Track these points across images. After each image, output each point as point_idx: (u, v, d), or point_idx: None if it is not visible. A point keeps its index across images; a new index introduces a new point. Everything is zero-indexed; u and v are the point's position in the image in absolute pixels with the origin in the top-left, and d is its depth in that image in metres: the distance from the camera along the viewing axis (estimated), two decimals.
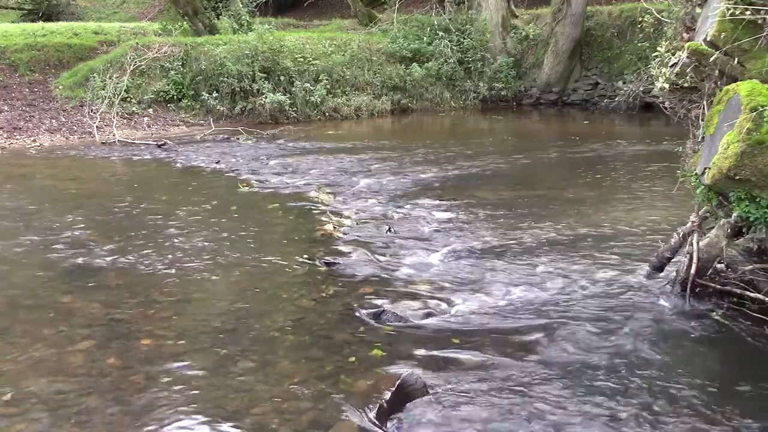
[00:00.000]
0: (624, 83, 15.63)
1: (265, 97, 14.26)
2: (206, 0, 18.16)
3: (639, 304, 4.74)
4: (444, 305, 4.84)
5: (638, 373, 3.84)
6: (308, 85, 14.82)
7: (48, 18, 22.64)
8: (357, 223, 6.98)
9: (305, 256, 5.94)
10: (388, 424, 3.37)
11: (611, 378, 3.78)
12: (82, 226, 6.99)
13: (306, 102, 14.81)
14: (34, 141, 12.63)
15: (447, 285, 5.22)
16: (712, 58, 4.29)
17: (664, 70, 4.68)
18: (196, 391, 3.72)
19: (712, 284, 4.57)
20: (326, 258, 5.82)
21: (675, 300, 4.68)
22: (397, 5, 17.52)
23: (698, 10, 4.75)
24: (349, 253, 5.99)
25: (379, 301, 4.86)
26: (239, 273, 5.57)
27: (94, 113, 13.46)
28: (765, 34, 4.15)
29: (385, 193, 8.35)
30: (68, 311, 4.83)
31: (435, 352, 4.12)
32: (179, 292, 5.22)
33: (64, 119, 13.62)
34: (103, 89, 13.68)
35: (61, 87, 14.48)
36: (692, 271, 4.55)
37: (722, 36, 4.24)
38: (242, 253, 6.03)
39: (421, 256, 5.91)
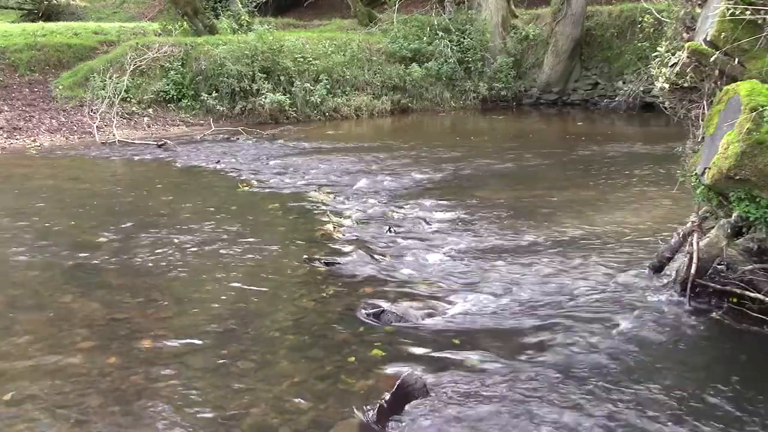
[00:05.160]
0: (624, 83, 15.63)
1: (265, 97, 14.26)
2: (206, 0, 18.15)
3: (639, 304, 4.73)
4: (444, 305, 4.84)
5: (638, 373, 3.84)
6: (308, 85, 14.82)
7: (48, 18, 22.65)
8: (357, 223, 6.97)
9: (305, 256, 5.94)
10: (388, 424, 3.37)
11: (611, 378, 3.78)
12: (82, 226, 6.99)
13: (306, 102, 14.80)
14: (34, 141, 12.63)
15: (447, 285, 5.22)
16: (712, 58, 4.29)
17: (664, 70, 4.68)
18: (196, 391, 3.72)
19: (712, 284, 4.56)
20: (326, 258, 5.82)
21: (675, 300, 4.68)
22: (397, 5, 17.51)
23: (698, 10, 4.75)
24: (349, 253, 5.98)
25: (379, 301, 4.86)
26: (239, 273, 5.57)
27: (94, 113, 13.45)
28: (765, 34, 4.15)
29: (385, 193, 8.35)
30: (68, 311, 4.83)
31: (435, 352, 4.12)
32: (179, 292, 5.22)
33: (64, 119, 13.63)
34: (103, 89, 13.68)
35: (61, 87, 14.49)
36: (692, 271, 4.55)
37: (722, 36, 4.24)
38: (242, 253, 6.03)
39: (421, 256, 5.91)
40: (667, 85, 4.65)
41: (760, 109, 3.82)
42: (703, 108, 4.54)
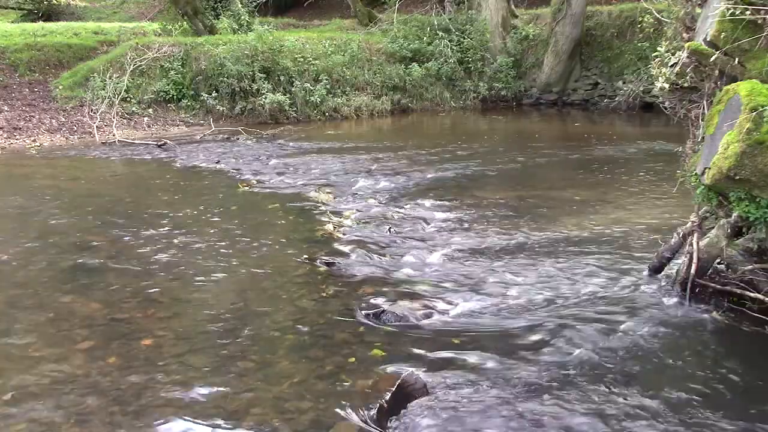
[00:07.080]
0: (624, 83, 15.62)
1: (265, 97, 14.27)
2: (206, 0, 18.16)
3: (639, 304, 4.73)
4: (444, 305, 4.84)
5: (638, 373, 3.84)
6: (308, 85, 14.83)
7: (48, 18, 22.69)
8: (357, 223, 6.97)
9: (305, 256, 5.94)
10: (388, 424, 3.37)
11: (610, 378, 3.78)
12: (82, 226, 7.00)
13: (306, 102, 14.81)
14: (34, 141, 12.63)
15: (447, 285, 5.21)
16: (712, 58, 4.29)
17: (664, 70, 4.68)
18: (196, 391, 3.72)
19: (712, 284, 4.56)
20: (326, 258, 5.82)
21: (675, 300, 4.68)
22: (397, 5, 17.52)
23: (698, 10, 4.74)
24: (349, 253, 5.99)
25: (379, 301, 4.86)
26: (239, 273, 5.57)
27: (94, 113, 13.46)
28: (765, 34, 4.15)
29: (385, 193, 8.35)
30: (68, 311, 4.83)
31: (435, 352, 4.12)
32: (179, 292, 5.22)
33: (64, 119, 13.63)
34: (103, 89, 13.69)
35: (61, 87, 14.49)
36: (692, 271, 4.55)
37: (722, 36, 4.24)
38: (242, 253, 6.03)
39: (421, 256, 5.91)
40: (667, 85, 4.65)
41: (760, 109, 3.82)
42: (703, 108, 4.54)
